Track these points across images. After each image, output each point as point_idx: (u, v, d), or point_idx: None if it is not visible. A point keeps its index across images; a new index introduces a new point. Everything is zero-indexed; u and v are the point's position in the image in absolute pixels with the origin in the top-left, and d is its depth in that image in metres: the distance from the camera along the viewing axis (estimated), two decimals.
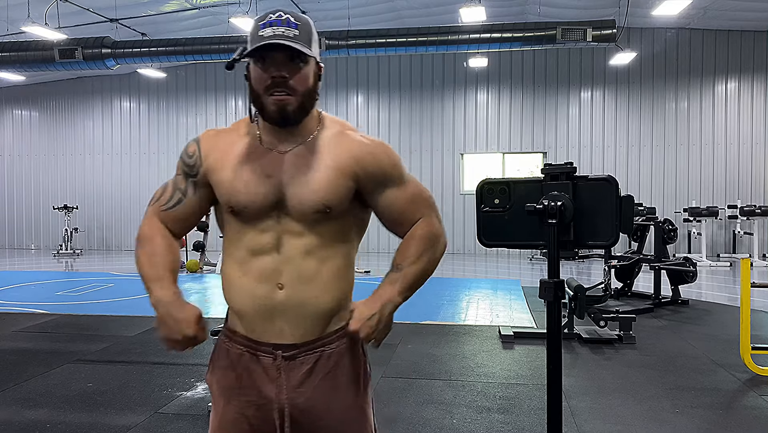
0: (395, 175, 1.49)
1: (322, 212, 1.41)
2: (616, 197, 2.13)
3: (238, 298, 1.46)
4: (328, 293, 1.45)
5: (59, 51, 10.49)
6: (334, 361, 1.49)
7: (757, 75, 13.18)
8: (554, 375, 2.19)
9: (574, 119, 13.80)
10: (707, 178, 13.38)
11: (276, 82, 1.35)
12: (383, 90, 14.47)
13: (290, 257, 1.42)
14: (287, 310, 1.43)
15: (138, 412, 3.69)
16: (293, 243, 1.42)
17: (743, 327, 4.28)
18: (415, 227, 1.51)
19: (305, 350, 1.46)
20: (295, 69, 1.37)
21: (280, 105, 1.37)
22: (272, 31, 1.34)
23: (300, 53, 1.35)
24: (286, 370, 1.45)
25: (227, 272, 1.49)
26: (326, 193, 1.40)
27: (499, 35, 10.21)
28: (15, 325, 6.15)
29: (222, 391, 1.51)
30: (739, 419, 3.64)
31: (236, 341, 1.49)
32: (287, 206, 1.41)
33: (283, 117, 1.38)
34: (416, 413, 3.68)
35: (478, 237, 2.29)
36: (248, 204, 1.41)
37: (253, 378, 1.47)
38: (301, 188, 1.40)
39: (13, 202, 16.01)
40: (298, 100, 1.38)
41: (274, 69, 1.35)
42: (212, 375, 1.56)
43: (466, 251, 14.00)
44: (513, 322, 6.34)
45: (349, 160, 1.43)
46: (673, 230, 7.74)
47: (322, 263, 1.44)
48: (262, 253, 1.43)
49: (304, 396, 1.46)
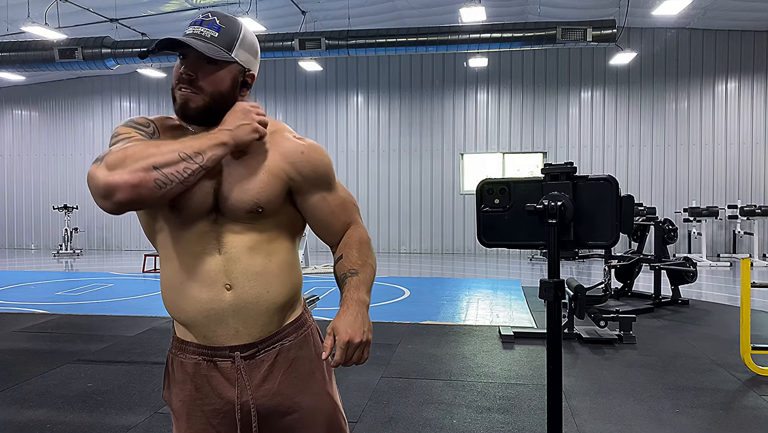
0: (327, 179, 1.48)
1: (255, 212, 1.39)
2: (616, 197, 2.12)
3: (185, 305, 1.41)
4: (279, 287, 1.44)
5: (59, 51, 10.49)
6: (294, 353, 1.48)
7: (757, 75, 13.18)
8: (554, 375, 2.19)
9: (574, 119, 13.80)
10: (707, 178, 13.38)
11: (182, 79, 1.37)
12: (383, 90, 14.47)
13: (235, 256, 1.39)
14: (239, 310, 1.40)
15: (138, 412, 3.69)
16: (235, 241, 1.40)
17: (743, 327, 4.28)
18: (351, 233, 1.51)
19: (264, 347, 1.45)
20: (206, 70, 1.37)
21: (182, 100, 1.37)
22: (192, 29, 1.37)
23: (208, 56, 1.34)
24: (246, 370, 1.43)
25: (168, 278, 1.44)
26: (258, 195, 1.38)
27: (499, 35, 10.21)
28: (15, 325, 6.15)
29: (182, 406, 1.48)
30: (739, 419, 3.64)
31: (188, 351, 1.46)
32: (221, 207, 1.39)
33: (183, 112, 1.38)
34: (416, 413, 3.68)
35: (478, 237, 2.29)
36: (188, 202, 1.36)
37: (213, 385, 1.44)
38: (233, 189, 1.38)
39: (13, 202, 16.01)
40: (204, 99, 1.37)
41: (185, 66, 1.37)
42: (168, 391, 1.52)
43: (466, 251, 14.00)
44: (513, 322, 6.34)
45: (282, 161, 1.42)
46: (673, 230, 7.74)
47: (268, 258, 1.42)
48: (204, 254, 1.39)
49: (269, 393, 1.45)
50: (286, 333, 1.48)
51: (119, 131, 1.39)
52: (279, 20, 11.69)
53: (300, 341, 1.50)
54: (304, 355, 1.50)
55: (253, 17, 10.13)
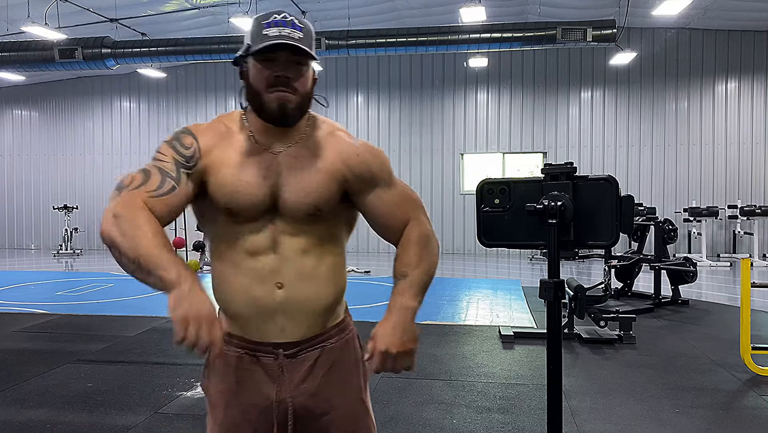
0: (383, 177, 1.49)
1: (313, 214, 1.41)
2: (616, 197, 2.13)
3: (235, 300, 1.43)
4: (327, 290, 1.46)
5: (59, 51, 10.49)
6: (335, 356, 1.50)
7: (757, 75, 13.17)
8: (554, 375, 2.19)
9: (574, 119, 13.80)
10: (707, 178, 13.38)
11: (280, 81, 1.36)
12: (383, 90, 14.47)
13: (288, 257, 1.41)
14: (288, 308, 1.42)
15: (138, 412, 3.69)
16: (290, 243, 1.41)
17: (743, 327, 4.28)
18: (408, 231, 1.49)
19: (306, 346, 1.46)
20: (297, 70, 1.37)
21: (282, 101, 1.36)
22: (278, 31, 1.34)
23: (305, 53, 1.35)
24: (288, 368, 1.45)
25: (222, 274, 1.45)
26: (317, 196, 1.40)
27: (499, 35, 10.21)
28: (15, 325, 6.15)
29: (220, 397, 1.49)
30: (739, 419, 3.64)
31: (233, 343, 1.46)
32: (280, 208, 1.40)
33: (283, 114, 1.38)
34: (416, 413, 3.68)
35: (478, 237, 2.29)
36: (248, 206, 1.39)
37: (254, 380, 1.46)
38: (293, 191, 1.40)
39: (13, 202, 16.01)
40: (298, 100, 1.38)
41: (279, 68, 1.35)
42: (208, 381, 1.53)
43: (466, 251, 14.00)
44: (513, 322, 6.34)
45: (338, 161, 1.44)
46: (673, 230, 7.74)
47: (319, 260, 1.44)
48: (259, 253, 1.41)
49: (307, 393, 1.46)
50: (329, 335, 1.50)
51: (160, 153, 1.39)
52: None
53: (341, 345, 1.52)
54: (344, 359, 1.52)
55: (253, 17, 10.11)
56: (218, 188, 1.40)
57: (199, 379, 1.56)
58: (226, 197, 1.39)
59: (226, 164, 1.41)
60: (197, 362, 4.58)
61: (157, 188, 1.34)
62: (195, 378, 4.32)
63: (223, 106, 15.03)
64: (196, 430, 3.43)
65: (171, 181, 1.36)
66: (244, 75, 1.42)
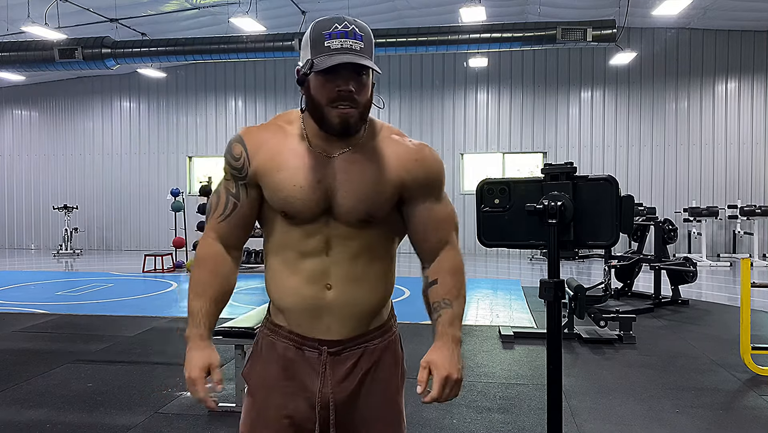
0: (437, 187, 1.49)
1: (366, 220, 1.42)
2: (616, 197, 2.13)
3: (287, 297, 1.48)
4: (375, 293, 1.49)
5: (59, 51, 10.49)
6: (377, 357, 1.52)
7: (757, 75, 13.17)
8: (554, 375, 2.19)
9: (574, 119, 13.80)
10: (707, 178, 13.38)
11: (342, 96, 1.33)
12: (383, 90, 14.46)
13: (339, 260, 1.44)
14: (335, 309, 1.45)
15: (138, 412, 3.69)
16: (342, 246, 1.43)
17: (743, 327, 4.27)
18: (446, 257, 1.51)
19: (350, 345, 1.49)
20: (359, 82, 1.35)
21: (344, 118, 1.35)
22: (340, 43, 1.31)
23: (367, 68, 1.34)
24: (330, 365, 1.47)
25: (275, 270, 1.49)
26: (372, 203, 1.41)
27: (499, 35, 10.20)
28: (15, 325, 6.15)
29: (263, 382, 1.52)
30: (739, 419, 3.64)
31: (281, 334, 1.51)
32: (335, 212, 1.41)
33: (345, 129, 1.37)
34: (416, 413, 3.68)
35: (478, 237, 2.29)
36: (303, 210, 1.40)
37: (299, 371, 1.49)
38: (348, 197, 1.40)
39: (13, 202, 16.01)
40: (360, 111, 1.37)
41: (342, 82, 1.33)
42: (252, 368, 1.56)
43: (466, 251, 13.99)
44: (513, 322, 6.33)
45: (396, 166, 1.43)
46: (673, 230, 7.74)
47: (369, 265, 1.47)
48: (312, 255, 1.44)
49: (347, 390, 1.48)
50: (372, 336, 1.52)
51: (223, 168, 1.50)
52: (279, 20, 11.68)
53: (384, 346, 1.53)
54: (385, 360, 1.53)
55: (253, 17, 10.12)
56: (273, 192, 1.43)
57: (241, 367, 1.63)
58: (281, 201, 1.42)
59: (279, 167, 1.42)
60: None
61: (223, 212, 1.48)
62: None
63: (223, 106, 15.04)
64: (196, 430, 3.43)
65: (232, 199, 1.47)
66: (301, 82, 1.39)
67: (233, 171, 1.46)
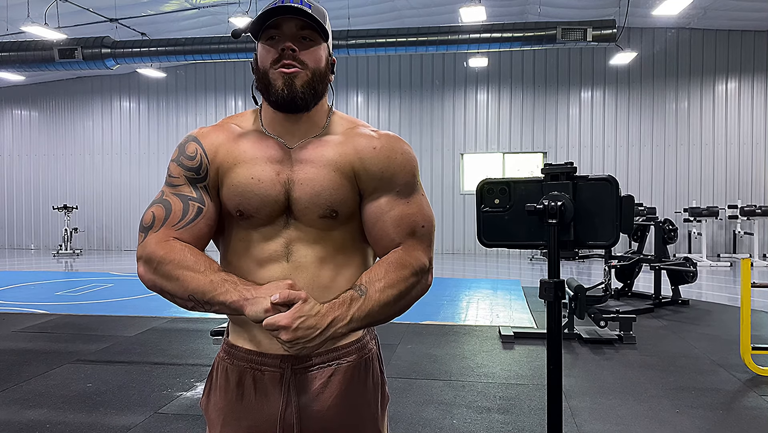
0: (399, 183, 1.30)
1: (328, 217, 1.27)
2: (617, 197, 2.12)
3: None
4: None
5: (59, 51, 10.49)
6: (350, 375, 1.34)
7: (757, 75, 13.17)
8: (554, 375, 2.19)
9: (574, 119, 13.80)
10: (707, 178, 13.38)
11: (285, 54, 1.23)
12: (383, 90, 14.47)
13: (303, 265, 1.28)
14: None
15: (138, 412, 3.69)
16: (305, 251, 1.28)
17: (743, 327, 4.27)
18: (394, 253, 1.28)
19: (319, 362, 1.32)
20: (305, 45, 1.25)
21: (288, 77, 1.23)
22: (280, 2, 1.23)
23: (314, 22, 1.23)
24: (295, 385, 1.31)
25: None
26: (329, 195, 1.26)
27: (499, 35, 10.20)
28: (15, 325, 6.14)
29: (219, 414, 1.36)
30: (739, 419, 3.64)
31: (237, 357, 1.34)
32: (294, 210, 1.27)
33: (291, 94, 1.24)
34: (416, 413, 3.68)
35: (478, 237, 2.29)
36: (261, 207, 1.27)
37: (257, 397, 1.32)
38: (304, 189, 1.26)
39: (13, 202, 16.01)
40: (308, 75, 1.25)
41: (284, 41, 1.24)
42: (207, 399, 1.40)
43: (466, 251, 14.00)
44: (513, 322, 6.33)
45: (353, 156, 1.29)
46: (673, 230, 7.74)
47: (338, 271, 1.31)
48: (271, 262, 1.28)
49: (316, 415, 1.31)
50: (345, 352, 1.34)
51: (171, 175, 1.30)
52: None
53: (359, 365, 1.36)
54: (361, 381, 1.36)
55: (253, 17, 10.11)
56: (229, 189, 1.28)
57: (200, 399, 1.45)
58: (237, 198, 1.27)
59: (238, 160, 1.29)
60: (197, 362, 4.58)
61: (182, 218, 1.26)
62: (195, 378, 4.32)
63: (223, 106, 15.03)
64: (196, 430, 3.43)
65: (194, 203, 1.27)
66: (254, 65, 1.30)
67: (189, 173, 1.29)
